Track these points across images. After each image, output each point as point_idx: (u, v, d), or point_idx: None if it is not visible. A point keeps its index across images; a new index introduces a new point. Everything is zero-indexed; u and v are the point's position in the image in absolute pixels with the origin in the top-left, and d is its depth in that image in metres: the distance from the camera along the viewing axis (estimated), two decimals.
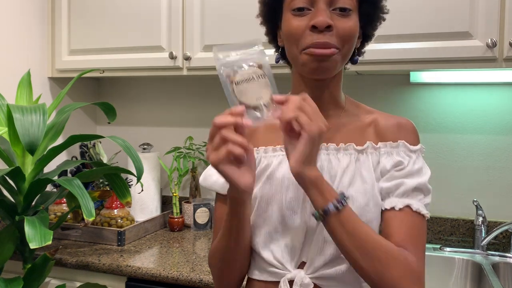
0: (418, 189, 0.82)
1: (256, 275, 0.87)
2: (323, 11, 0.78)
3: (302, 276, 0.81)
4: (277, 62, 0.92)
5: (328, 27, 0.77)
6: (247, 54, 0.74)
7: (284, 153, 0.78)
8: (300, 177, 0.73)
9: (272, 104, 0.72)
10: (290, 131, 0.72)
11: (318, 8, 0.78)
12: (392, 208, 0.81)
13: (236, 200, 0.78)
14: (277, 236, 0.84)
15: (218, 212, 0.93)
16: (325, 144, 0.86)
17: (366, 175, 0.83)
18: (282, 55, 0.91)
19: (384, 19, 0.88)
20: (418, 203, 0.81)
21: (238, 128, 0.71)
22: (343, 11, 0.79)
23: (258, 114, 0.72)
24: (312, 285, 0.81)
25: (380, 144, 0.85)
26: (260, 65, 0.73)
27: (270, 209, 0.84)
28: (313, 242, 0.82)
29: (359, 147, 0.85)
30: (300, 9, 0.79)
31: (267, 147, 0.89)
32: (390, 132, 0.86)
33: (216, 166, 0.72)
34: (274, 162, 0.87)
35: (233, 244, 0.83)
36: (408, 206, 0.81)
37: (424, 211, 0.81)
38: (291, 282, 0.82)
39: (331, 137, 0.86)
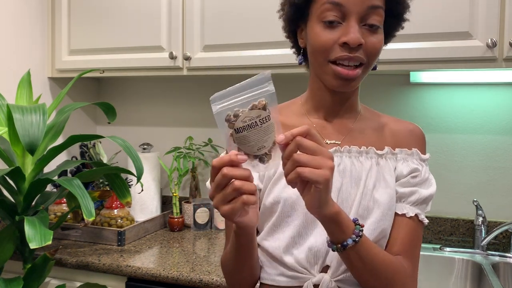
0: (427, 201, 0.87)
1: (275, 281, 0.85)
2: (355, 28, 0.78)
3: (327, 280, 0.81)
4: (300, 64, 0.92)
5: (359, 45, 0.78)
6: (253, 92, 0.65)
7: None
8: (318, 216, 0.72)
9: (275, 148, 0.67)
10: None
11: (350, 25, 0.78)
12: (403, 215, 0.85)
13: (244, 235, 0.78)
14: (300, 240, 0.83)
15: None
16: (348, 146, 0.87)
17: (389, 179, 0.86)
18: (304, 56, 0.91)
19: (402, 28, 0.90)
20: (423, 213, 0.87)
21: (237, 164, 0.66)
22: (372, 27, 0.80)
23: (259, 163, 0.67)
24: None
25: (397, 150, 0.88)
26: (264, 105, 0.65)
27: (294, 213, 0.83)
28: None
29: (379, 151, 0.87)
30: (331, 22, 0.79)
31: None
32: (404, 138, 0.90)
33: (230, 219, 0.69)
34: None
35: (241, 265, 0.85)
36: (416, 215, 0.86)
37: (426, 220, 0.87)
38: (315, 286, 0.82)
39: (351, 140, 0.88)
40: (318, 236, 0.82)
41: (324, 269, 0.83)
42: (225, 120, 0.66)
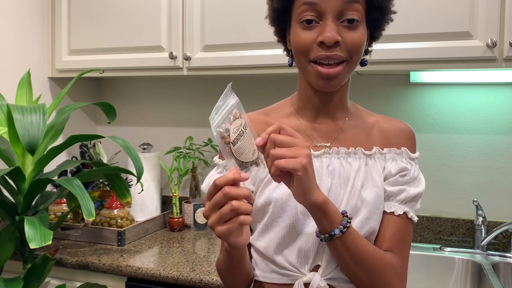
0: (416, 198, 0.88)
1: (267, 278, 0.86)
2: (331, 26, 0.78)
3: (318, 279, 0.82)
4: (290, 65, 0.92)
5: (336, 43, 0.78)
6: (227, 106, 0.72)
7: None
8: (306, 205, 0.75)
9: (259, 152, 0.72)
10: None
11: (326, 23, 0.78)
12: (392, 213, 0.86)
13: (236, 251, 0.79)
14: (290, 241, 0.84)
15: None
16: (336, 148, 0.87)
17: (377, 179, 0.86)
18: (293, 57, 0.91)
19: (392, 20, 0.88)
20: (412, 211, 0.88)
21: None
22: (351, 23, 0.79)
23: (258, 167, 0.73)
24: None
25: (385, 149, 0.89)
26: (239, 113, 0.72)
27: (284, 214, 0.84)
28: None
29: (367, 152, 0.88)
30: (308, 22, 0.79)
31: None
32: (394, 137, 0.90)
33: (225, 239, 0.71)
34: None
35: (234, 274, 0.86)
36: (405, 213, 0.87)
37: (415, 218, 0.88)
38: (306, 284, 0.82)
39: (341, 140, 0.88)
40: (308, 236, 0.83)
41: (315, 268, 0.84)
42: (221, 138, 0.71)
